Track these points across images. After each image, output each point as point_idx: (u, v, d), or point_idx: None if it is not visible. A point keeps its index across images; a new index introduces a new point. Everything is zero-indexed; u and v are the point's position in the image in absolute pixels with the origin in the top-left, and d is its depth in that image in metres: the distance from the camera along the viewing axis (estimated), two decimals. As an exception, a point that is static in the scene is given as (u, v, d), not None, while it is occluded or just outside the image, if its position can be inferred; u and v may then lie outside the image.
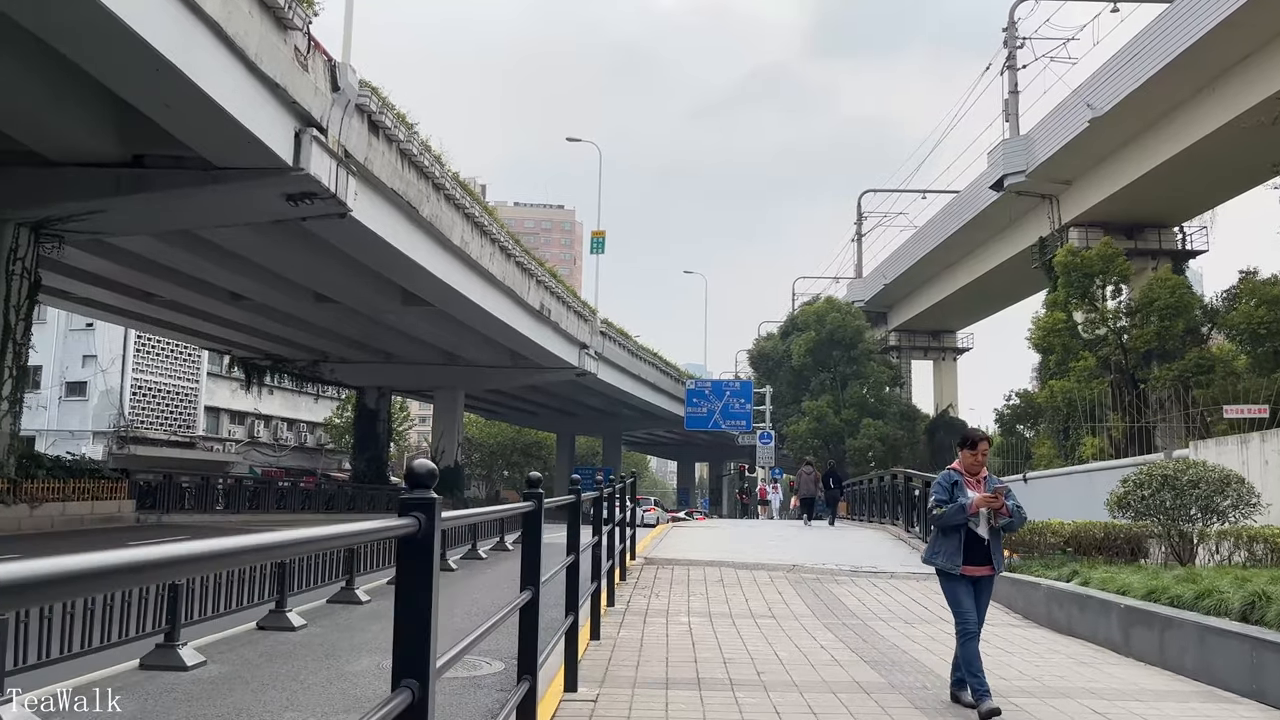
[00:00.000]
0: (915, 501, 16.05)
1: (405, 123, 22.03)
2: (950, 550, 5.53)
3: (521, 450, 77.97)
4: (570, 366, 41.85)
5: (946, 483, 5.68)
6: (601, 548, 7.56)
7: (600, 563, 7.46)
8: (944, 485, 5.69)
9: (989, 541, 5.55)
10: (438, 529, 2.03)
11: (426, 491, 2.04)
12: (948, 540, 5.57)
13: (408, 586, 2.02)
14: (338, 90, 18.73)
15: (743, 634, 7.74)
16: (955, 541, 5.52)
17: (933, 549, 5.72)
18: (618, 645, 7.10)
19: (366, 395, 44.51)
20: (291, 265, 27.13)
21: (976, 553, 5.50)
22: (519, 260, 32.52)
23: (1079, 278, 33.28)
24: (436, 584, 2.06)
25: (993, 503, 5.47)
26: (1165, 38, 29.89)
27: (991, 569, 5.60)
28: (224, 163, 17.44)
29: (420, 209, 23.73)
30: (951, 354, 63.27)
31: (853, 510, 28.19)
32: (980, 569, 5.54)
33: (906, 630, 8.13)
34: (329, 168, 18.39)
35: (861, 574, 11.81)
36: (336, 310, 32.37)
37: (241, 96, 15.62)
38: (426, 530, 2.00)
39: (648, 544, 15.13)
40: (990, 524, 5.53)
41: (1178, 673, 6.55)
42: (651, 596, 9.70)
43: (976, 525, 5.50)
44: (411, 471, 2.07)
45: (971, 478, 5.64)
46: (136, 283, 29.39)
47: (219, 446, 57.54)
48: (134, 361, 51.33)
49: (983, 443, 5.72)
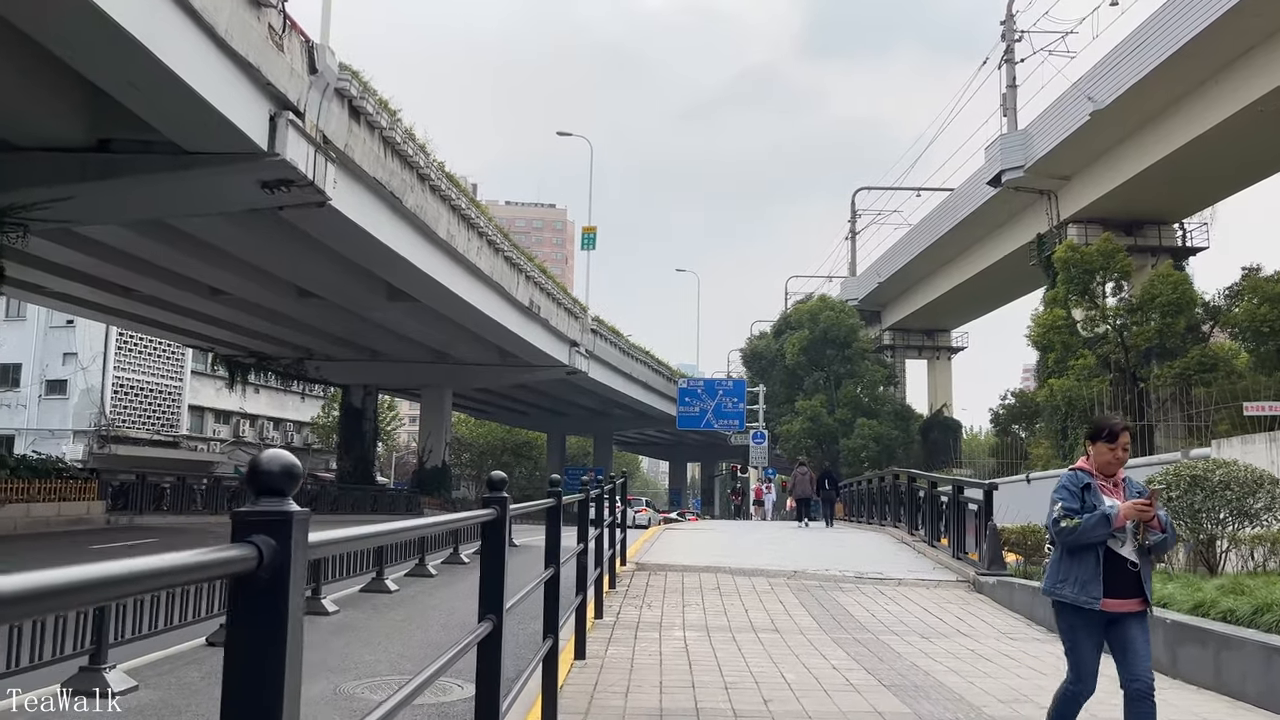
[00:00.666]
0: (919, 503, 15.34)
1: (388, 109, 21.22)
2: (1085, 576, 4.15)
3: (512, 450, 77.15)
4: (560, 364, 41.08)
5: (1074, 486, 4.29)
6: (588, 555, 6.78)
7: (587, 572, 6.69)
8: (1071, 489, 4.28)
9: (1135, 565, 4.18)
10: (297, 561, 1.26)
11: (282, 501, 1.26)
12: (1079, 564, 4.18)
13: (243, 653, 1.24)
14: (315, 73, 17.91)
15: (744, 652, 6.98)
16: (1091, 565, 4.15)
17: (1056, 576, 4.30)
18: (605, 666, 6.33)
19: (352, 394, 43.68)
20: (272, 259, 26.31)
21: (1120, 581, 4.16)
22: (507, 255, 31.73)
23: (1079, 274, 32.64)
24: (296, 645, 1.28)
25: (1145, 512, 4.11)
26: (1168, 29, 29.27)
27: (1142, 602, 4.22)
28: (194, 147, 16.62)
29: (404, 200, 22.94)
30: (946, 353, 62.68)
31: (850, 511, 27.48)
32: (1126, 603, 4.19)
33: (925, 646, 7.38)
34: (306, 153, 17.57)
35: (867, 580, 11.07)
36: (320, 306, 31.56)
37: (211, 76, 14.80)
38: (275, 563, 1.23)
39: (639, 548, 14.36)
40: (1138, 540, 4.17)
41: (1238, 698, 5.82)
42: (643, 607, 8.93)
43: (1119, 543, 4.18)
44: (255, 470, 1.27)
45: (1107, 480, 4.31)
46: (113, 277, 28.52)
47: (203, 446, 56.58)
48: (116, 359, 50.35)
49: (1124, 433, 4.34)
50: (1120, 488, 4.31)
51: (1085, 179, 36.61)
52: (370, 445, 44.75)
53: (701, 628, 7.98)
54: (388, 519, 4.60)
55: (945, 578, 11.28)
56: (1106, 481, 4.30)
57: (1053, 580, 4.32)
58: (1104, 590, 4.12)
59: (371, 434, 45.05)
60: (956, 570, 11.63)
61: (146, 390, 52.51)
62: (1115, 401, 31.96)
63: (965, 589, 10.67)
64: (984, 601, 9.89)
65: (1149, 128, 32.40)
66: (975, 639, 7.80)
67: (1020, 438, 43.56)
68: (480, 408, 63.58)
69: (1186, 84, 30.05)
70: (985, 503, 10.89)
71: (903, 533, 16.60)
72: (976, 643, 7.61)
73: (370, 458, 45.00)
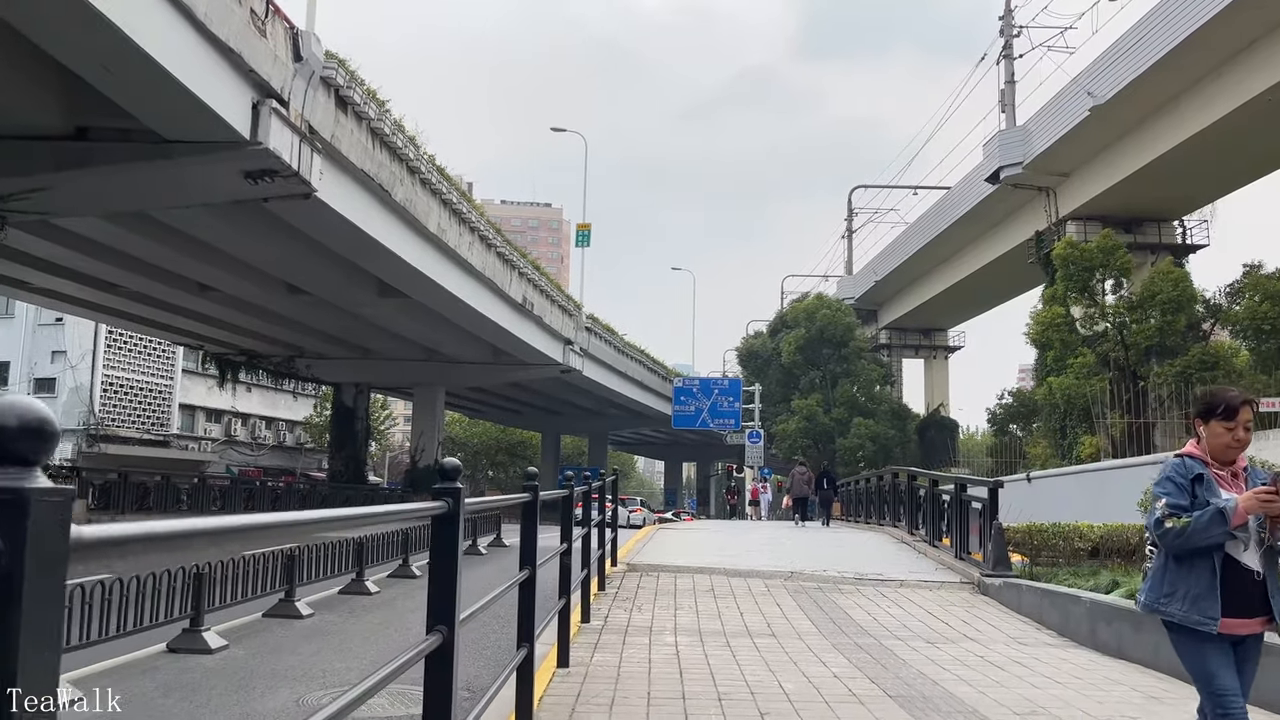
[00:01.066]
0: (920, 502, 14.91)
1: (376, 99, 20.74)
2: (1199, 590, 3.30)
3: (506, 450, 76.72)
4: (555, 363, 40.59)
5: (1182, 477, 3.40)
6: (572, 556, 6.32)
7: (571, 575, 6.23)
8: (1179, 481, 3.40)
9: (1260, 573, 3.30)
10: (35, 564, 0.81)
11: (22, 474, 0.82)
12: (1190, 574, 3.33)
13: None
14: (300, 60, 17.42)
15: (739, 658, 6.54)
16: (1206, 576, 3.30)
17: (1160, 589, 3.42)
18: (590, 675, 5.88)
19: (344, 392, 43.17)
20: (260, 254, 25.82)
21: (1243, 594, 3.30)
22: (500, 250, 31.25)
23: (1078, 271, 32.24)
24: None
25: (1272, 504, 3.21)
26: (1170, 22, 28.89)
27: (1270, 620, 3.33)
28: (174, 135, 16.11)
29: (393, 192, 22.45)
30: (943, 352, 62.32)
31: (847, 511, 27.06)
32: (1249, 622, 3.33)
33: (930, 653, 6.94)
34: (291, 143, 17.08)
35: (867, 582, 10.64)
36: (310, 302, 31.05)
37: (189, 60, 14.31)
38: None
39: (631, 548, 13.92)
40: (1264, 540, 3.30)
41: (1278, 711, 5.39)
42: (633, 610, 8.49)
43: (1240, 547, 3.30)
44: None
45: (1223, 469, 3.45)
46: (99, 272, 27.98)
47: (194, 445, 56.00)
48: (105, 357, 49.78)
49: (1244, 408, 3.43)
50: (1241, 478, 3.44)
51: (1084, 175, 36.23)
52: (362, 444, 44.24)
53: (694, 632, 7.54)
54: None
55: (948, 579, 10.86)
56: (1223, 470, 3.45)
57: (1155, 594, 3.44)
58: (1222, 607, 3.27)
59: (363, 433, 44.53)
60: (960, 571, 11.21)
61: (137, 389, 51.95)
62: (1115, 400, 31.58)
63: (970, 591, 10.25)
64: (990, 604, 9.47)
65: (1149, 123, 32.02)
66: (984, 644, 7.37)
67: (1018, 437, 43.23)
68: (474, 407, 63.08)
69: (1188, 79, 29.67)
70: (990, 501, 10.47)
71: (902, 532, 16.18)
72: (986, 649, 7.18)
73: (362, 457, 44.48)
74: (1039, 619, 8.54)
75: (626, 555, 12.48)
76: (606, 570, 10.22)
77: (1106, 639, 7.17)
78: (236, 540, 1.40)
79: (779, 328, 56.87)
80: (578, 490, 6.87)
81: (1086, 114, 32.47)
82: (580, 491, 7.37)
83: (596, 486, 9.21)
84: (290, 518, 1.76)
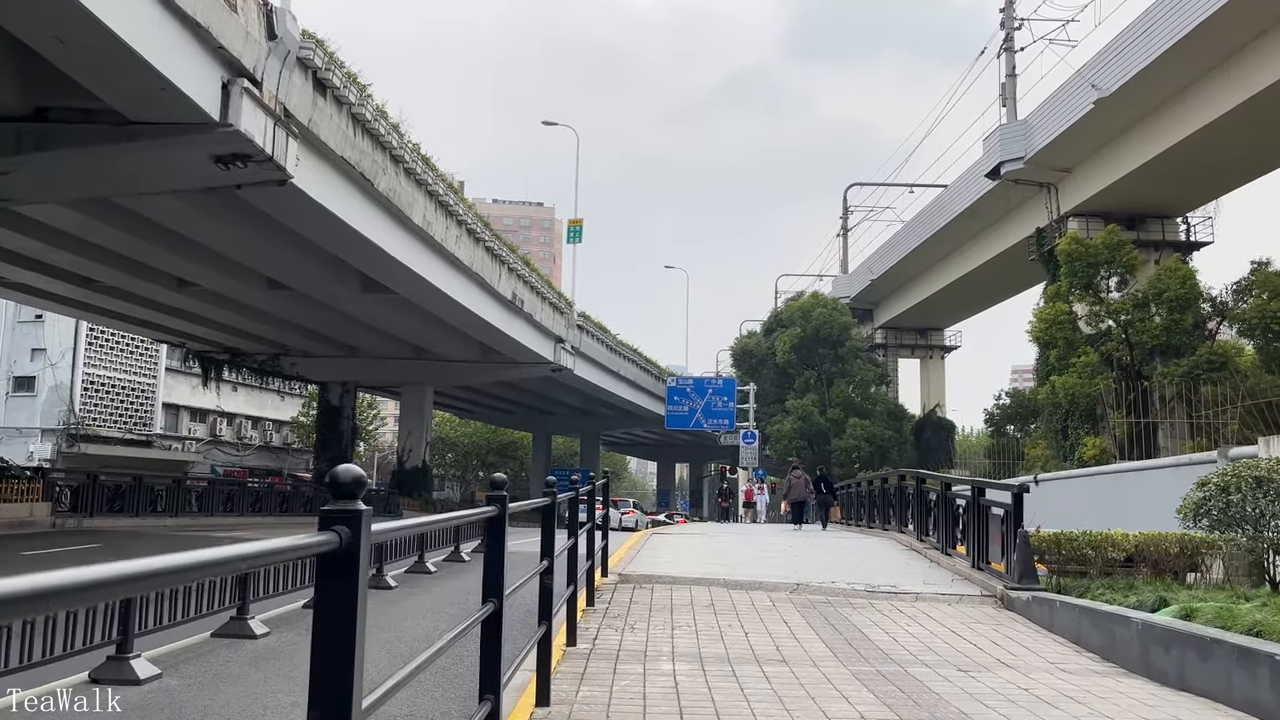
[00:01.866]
0: (930, 507, 14.05)
1: (356, 83, 19.82)
2: None
3: (497, 451, 75.77)
4: (545, 361, 39.70)
5: None
6: (553, 575, 5.41)
7: (553, 597, 5.34)
8: None
9: None
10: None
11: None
12: None
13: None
14: (275, 39, 16.50)
15: (748, 692, 5.66)
16: None
17: None
18: (574, 715, 4.99)
19: (330, 391, 42.25)
20: (238, 246, 24.90)
21: None
22: (489, 245, 30.34)
23: (1082, 267, 31.45)
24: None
25: None
26: (1176, 13, 28.13)
27: None
28: (139, 116, 15.18)
29: (376, 182, 21.55)
30: (939, 352, 61.58)
31: (846, 515, 26.20)
32: None
33: (966, 684, 6.06)
34: (264, 126, 16.16)
35: (880, 595, 9.77)
36: (292, 298, 30.12)
37: (152, 32, 13.39)
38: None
39: (623, 555, 13.03)
40: None
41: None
42: (626, 630, 7.60)
43: None
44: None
45: None
46: (71, 265, 27.00)
47: (178, 445, 54.91)
48: (86, 355, 48.71)
49: None
50: None
51: (1087, 171, 35.49)
52: (348, 444, 43.28)
53: (694, 657, 6.66)
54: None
55: (968, 591, 9.99)
56: None
57: None
58: None
59: (350, 433, 43.58)
60: (979, 583, 10.34)
61: (118, 387, 50.86)
62: (1119, 400, 30.81)
63: (993, 605, 9.38)
64: (1019, 621, 8.60)
65: (1155, 116, 31.29)
66: (1024, 672, 6.49)
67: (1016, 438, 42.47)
68: (463, 406, 62.11)
69: (1194, 71, 28.95)
70: (1014, 507, 9.60)
71: (910, 538, 15.32)
72: (1027, 678, 6.31)
73: (348, 457, 43.45)
74: (1076, 639, 7.67)
75: (618, 564, 11.59)
76: (596, 583, 9.34)
77: (1164, 667, 6.30)
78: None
79: (773, 327, 56.06)
80: (562, 497, 5.97)
81: (1090, 107, 31.71)
82: (565, 499, 6.47)
83: (586, 490, 8.31)
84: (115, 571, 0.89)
